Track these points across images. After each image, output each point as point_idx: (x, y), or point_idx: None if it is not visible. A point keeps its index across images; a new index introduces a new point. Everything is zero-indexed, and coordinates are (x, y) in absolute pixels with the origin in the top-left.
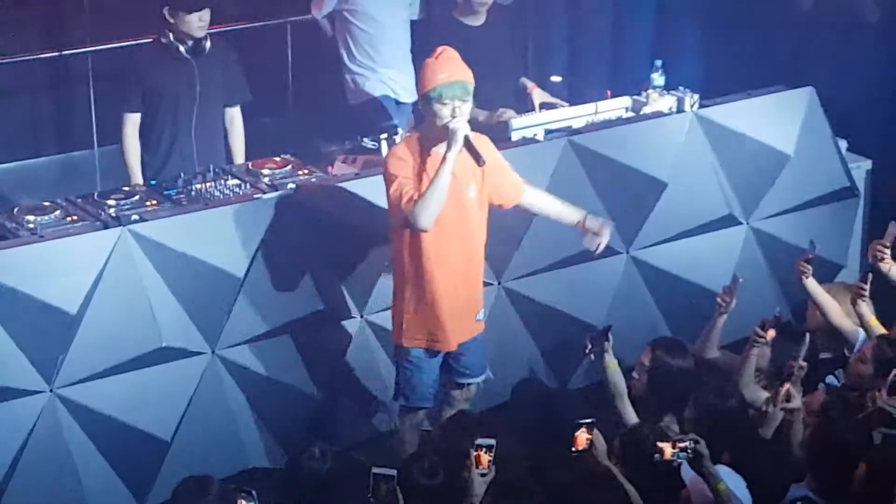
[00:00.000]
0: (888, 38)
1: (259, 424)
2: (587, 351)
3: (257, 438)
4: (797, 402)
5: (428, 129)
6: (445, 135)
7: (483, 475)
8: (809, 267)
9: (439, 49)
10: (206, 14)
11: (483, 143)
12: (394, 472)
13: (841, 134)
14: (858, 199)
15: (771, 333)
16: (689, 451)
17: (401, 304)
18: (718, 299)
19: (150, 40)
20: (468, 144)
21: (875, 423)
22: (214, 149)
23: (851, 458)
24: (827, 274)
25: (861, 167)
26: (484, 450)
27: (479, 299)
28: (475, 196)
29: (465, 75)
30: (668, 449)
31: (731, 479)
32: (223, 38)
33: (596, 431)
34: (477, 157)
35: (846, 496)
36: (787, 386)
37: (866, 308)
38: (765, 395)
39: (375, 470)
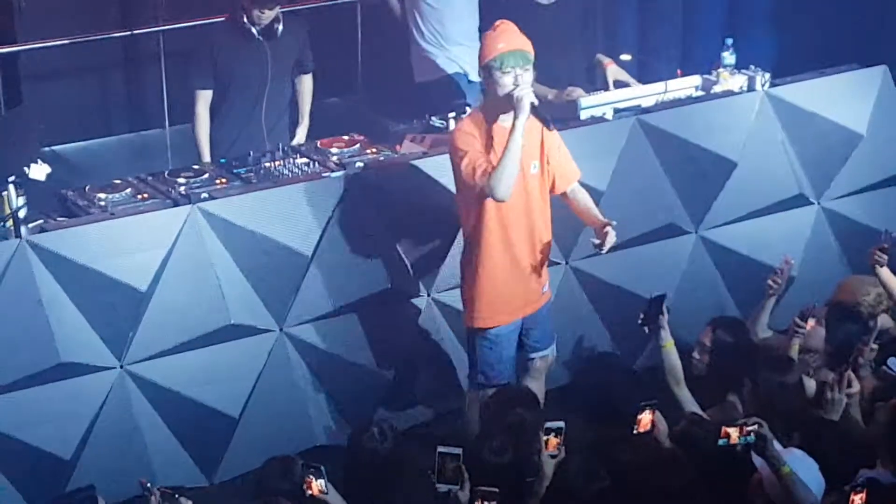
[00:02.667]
0: None
1: (326, 402)
2: (640, 323)
3: (324, 416)
4: (856, 386)
5: (492, 101)
6: (510, 105)
7: (553, 457)
8: (885, 256)
9: (498, 22)
10: (276, 7)
11: (559, 143)
12: (459, 450)
13: None
14: None
15: (811, 324)
16: (753, 434)
17: (472, 283)
18: (770, 281)
19: (223, 18)
20: (535, 111)
21: None
22: (282, 127)
23: None
24: None
25: None
26: (553, 433)
27: (545, 272)
28: (537, 172)
29: (524, 44)
30: (734, 433)
31: (803, 463)
32: (296, 15)
33: (658, 414)
34: (546, 122)
35: None
36: (849, 372)
37: (887, 274)
38: (811, 382)
39: (441, 448)
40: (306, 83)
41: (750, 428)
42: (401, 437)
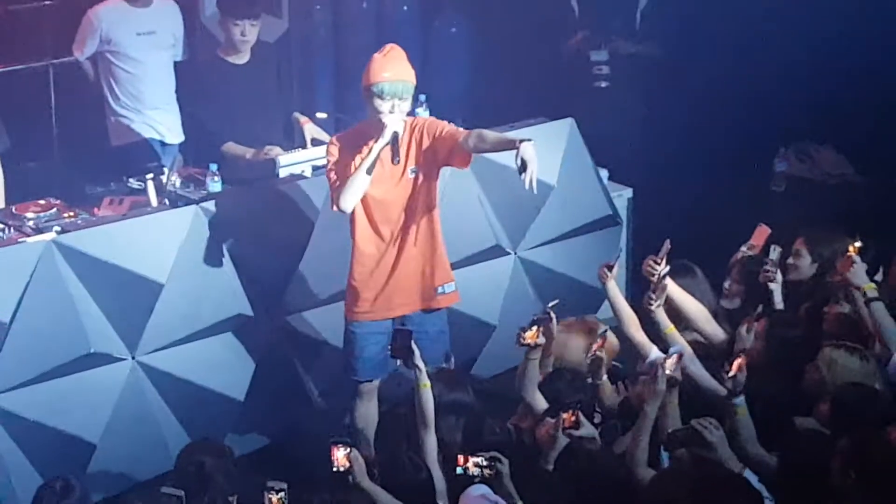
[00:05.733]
0: (644, 68)
1: (181, 428)
2: (391, 355)
3: (181, 440)
4: (588, 429)
5: (369, 119)
6: (365, 128)
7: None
8: (609, 272)
9: (388, 46)
10: None
11: (430, 123)
12: (284, 484)
13: (601, 164)
14: (621, 226)
15: (533, 334)
16: (487, 468)
17: (348, 275)
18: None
19: None
20: (394, 141)
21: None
22: None
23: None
24: (592, 301)
25: (623, 195)
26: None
27: (435, 273)
28: (414, 176)
29: (408, 75)
30: (471, 464)
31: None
32: None
33: (354, 450)
34: (394, 155)
35: None
36: (576, 414)
37: (662, 315)
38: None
39: (269, 483)
40: None
41: (477, 460)
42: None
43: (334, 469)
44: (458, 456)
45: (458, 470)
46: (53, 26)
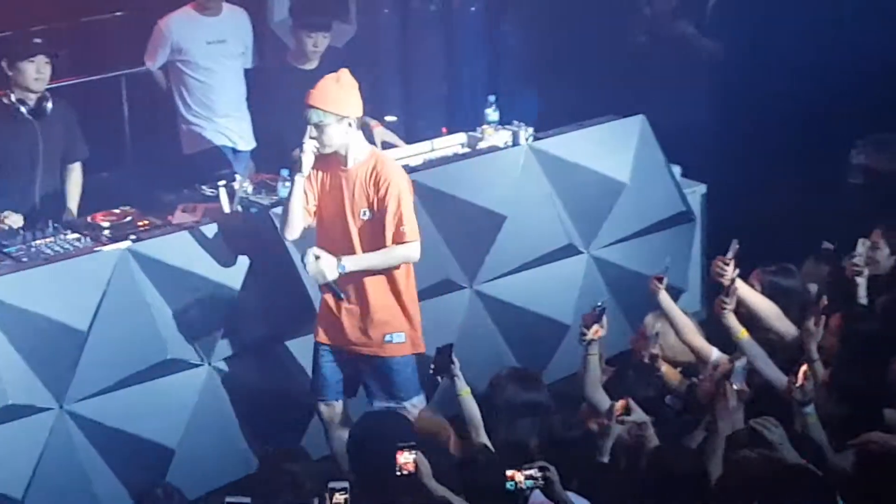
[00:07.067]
0: (715, 64)
1: (112, 476)
2: (432, 373)
3: (112, 488)
4: (638, 415)
5: None
6: (325, 155)
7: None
8: (661, 285)
9: (340, 71)
10: (43, 67)
11: (386, 180)
12: (248, 499)
13: (674, 160)
14: (695, 223)
15: (596, 330)
16: (537, 478)
17: None
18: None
19: None
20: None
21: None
22: (59, 206)
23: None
24: None
25: (696, 192)
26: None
27: (382, 319)
28: (368, 219)
29: (323, 102)
30: (519, 476)
31: None
32: (63, 97)
33: (419, 453)
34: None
35: None
36: (628, 400)
37: (733, 320)
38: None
39: (229, 498)
40: (74, 173)
41: (530, 472)
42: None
43: (399, 473)
44: (507, 472)
45: (509, 485)
46: (125, 37)
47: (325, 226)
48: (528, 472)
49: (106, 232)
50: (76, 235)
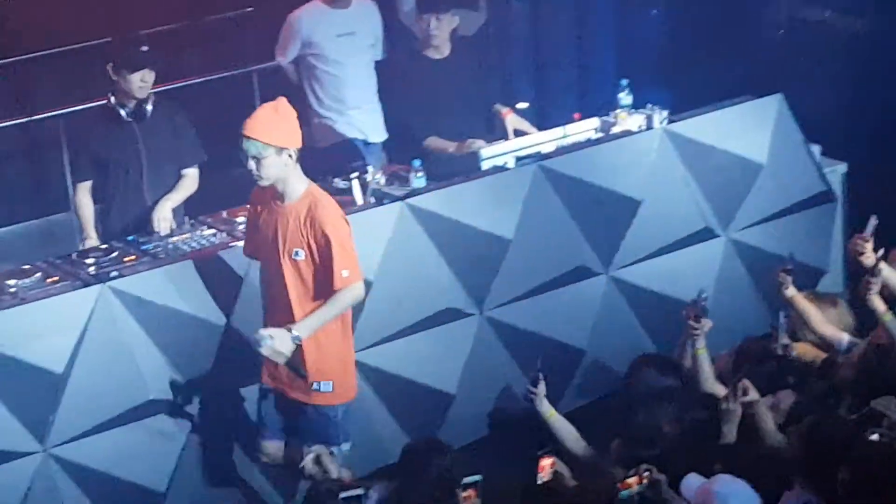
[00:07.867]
0: (855, 41)
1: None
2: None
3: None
4: (754, 394)
5: None
6: (263, 188)
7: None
8: (788, 278)
9: (277, 100)
10: (148, 76)
11: (324, 224)
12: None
13: (814, 140)
14: (836, 203)
15: (706, 323)
16: (644, 479)
17: None
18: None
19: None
20: None
21: (866, 423)
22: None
23: (843, 461)
24: (810, 280)
25: (836, 171)
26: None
27: (313, 367)
28: (301, 259)
29: (254, 131)
30: (633, 482)
31: (732, 487)
32: (170, 99)
33: (556, 459)
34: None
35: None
36: (744, 382)
37: (878, 302)
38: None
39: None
40: (187, 179)
41: (635, 478)
42: None
43: (540, 481)
44: (615, 483)
45: (623, 494)
46: (256, 33)
47: (263, 262)
48: (635, 479)
49: (241, 227)
50: (212, 231)
